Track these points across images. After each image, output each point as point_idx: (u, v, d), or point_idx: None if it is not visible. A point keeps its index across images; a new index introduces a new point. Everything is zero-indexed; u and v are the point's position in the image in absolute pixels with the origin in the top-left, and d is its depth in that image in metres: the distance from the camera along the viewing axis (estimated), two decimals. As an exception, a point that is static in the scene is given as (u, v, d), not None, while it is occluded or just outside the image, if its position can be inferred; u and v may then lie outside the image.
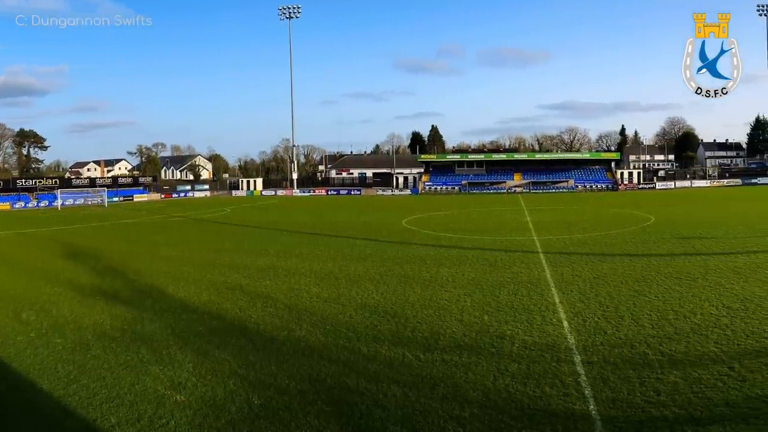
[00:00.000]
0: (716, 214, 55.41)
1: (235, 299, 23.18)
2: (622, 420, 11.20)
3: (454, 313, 19.81)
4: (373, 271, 28.57)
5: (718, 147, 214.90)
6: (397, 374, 14.17)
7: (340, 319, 19.63)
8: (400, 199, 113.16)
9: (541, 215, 61.28)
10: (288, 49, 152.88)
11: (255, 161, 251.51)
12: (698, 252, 31.24)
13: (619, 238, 38.77)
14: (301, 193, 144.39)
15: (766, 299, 20.04)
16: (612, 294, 21.85)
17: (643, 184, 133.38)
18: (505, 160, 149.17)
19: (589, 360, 14.66)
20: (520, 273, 26.71)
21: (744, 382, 12.63)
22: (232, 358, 15.81)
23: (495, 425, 11.20)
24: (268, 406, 12.46)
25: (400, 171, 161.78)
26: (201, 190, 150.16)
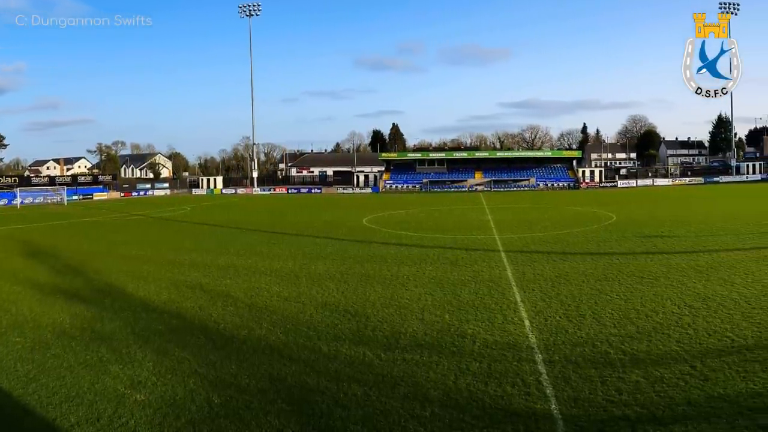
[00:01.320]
0: (678, 213, 55.91)
1: (195, 298, 23.13)
2: (584, 419, 11.27)
3: (415, 312, 19.87)
4: (333, 269, 28.58)
5: (680, 145, 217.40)
6: (357, 373, 14.19)
7: (300, 318, 19.64)
8: (361, 198, 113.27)
9: (503, 214, 61.64)
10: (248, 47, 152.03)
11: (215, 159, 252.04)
12: (660, 251, 31.53)
13: (580, 236, 39.07)
14: (261, 191, 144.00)
15: (727, 298, 20.27)
16: (573, 293, 22.00)
17: (604, 183, 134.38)
18: (466, 159, 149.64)
19: (550, 359, 14.75)
20: (482, 272, 26.83)
21: (706, 381, 12.75)
22: (192, 357, 15.77)
23: (456, 424, 11.23)
24: (228, 405, 12.44)
25: (361, 169, 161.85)
26: (161, 189, 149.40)
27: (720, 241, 34.13)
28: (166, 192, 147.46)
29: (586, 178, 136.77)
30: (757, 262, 27.02)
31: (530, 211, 64.68)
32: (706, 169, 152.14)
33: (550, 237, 39.14)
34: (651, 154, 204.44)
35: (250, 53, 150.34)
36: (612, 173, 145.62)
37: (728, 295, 20.73)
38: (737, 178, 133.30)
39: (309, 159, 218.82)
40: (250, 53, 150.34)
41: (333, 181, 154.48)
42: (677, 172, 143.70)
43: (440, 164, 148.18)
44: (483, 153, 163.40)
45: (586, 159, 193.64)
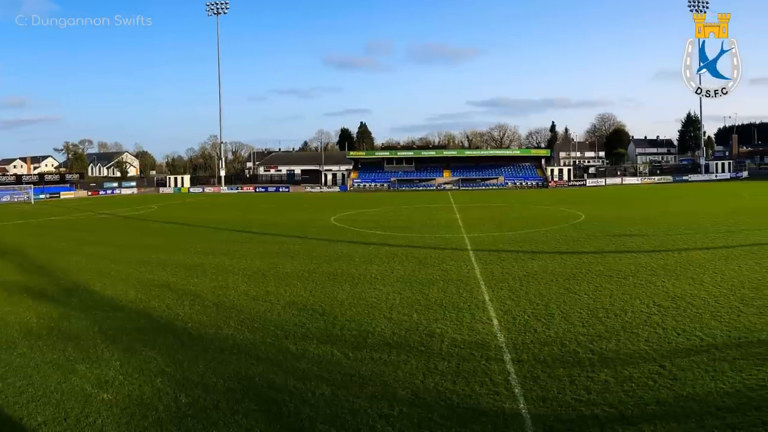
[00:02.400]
0: (647, 212, 56.26)
1: (162, 297, 23.10)
2: (553, 419, 11.35)
3: (384, 311, 19.93)
4: (301, 268, 28.57)
5: (649, 144, 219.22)
6: (325, 372, 14.22)
7: (268, 317, 19.66)
8: (329, 196, 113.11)
9: (471, 212, 61.80)
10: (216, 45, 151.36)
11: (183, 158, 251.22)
12: (629, 249, 31.77)
13: (549, 235, 39.24)
14: (228, 190, 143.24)
15: (696, 297, 20.47)
16: (542, 292, 22.13)
17: (573, 181, 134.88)
18: (434, 157, 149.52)
19: (519, 358, 14.83)
20: (450, 270, 26.92)
21: (675, 381, 12.88)
22: (159, 357, 15.77)
23: (424, 424, 11.29)
24: (196, 405, 12.46)
25: (329, 168, 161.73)
26: (128, 187, 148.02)
27: (689, 240, 34.41)
28: (134, 191, 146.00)
29: (554, 176, 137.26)
30: (726, 261, 27.29)
31: (499, 210, 64.86)
32: (675, 168, 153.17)
33: (518, 236, 39.26)
34: (620, 152, 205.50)
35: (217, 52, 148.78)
36: (581, 172, 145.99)
37: (697, 294, 20.94)
38: (706, 176, 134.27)
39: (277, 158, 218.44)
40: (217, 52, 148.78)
41: (301, 179, 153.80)
42: (646, 171, 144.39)
43: (408, 163, 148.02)
44: (451, 152, 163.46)
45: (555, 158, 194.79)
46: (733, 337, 15.94)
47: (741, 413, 11.20)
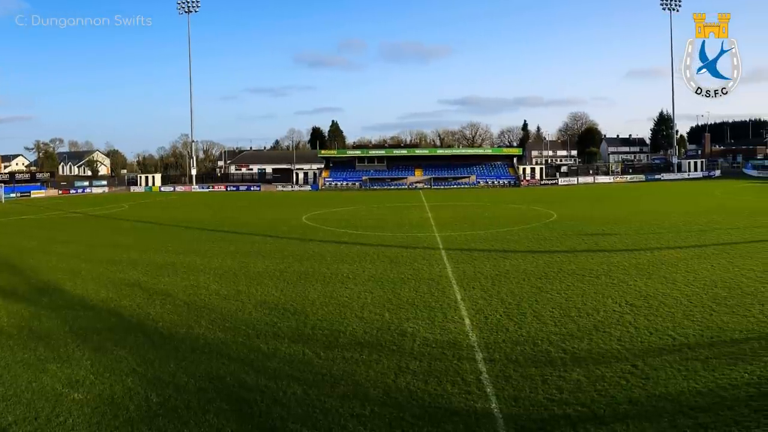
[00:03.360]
0: (619, 211, 56.58)
1: (133, 296, 23.12)
2: (525, 418, 11.42)
3: (355, 310, 20.00)
4: (272, 267, 28.62)
5: (621, 142, 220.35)
6: (297, 372, 14.27)
7: (239, 317, 19.71)
8: (301, 195, 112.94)
9: (443, 211, 61.80)
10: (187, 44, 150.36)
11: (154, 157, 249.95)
12: (601, 249, 31.98)
13: (521, 234, 39.41)
14: (200, 188, 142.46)
15: (669, 296, 20.66)
16: (514, 291, 22.24)
17: (545, 180, 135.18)
18: (406, 156, 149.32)
19: (491, 358, 14.92)
20: (422, 270, 27.01)
21: (647, 380, 13.00)
22: (130, 356, 15.78)
23: (396, 423, 11.34)
24: (167, 405, 12.46)
25: (300, 167, 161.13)
26: (99, 186, 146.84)
27: (661, 239, 34.69)
28: (105, 189, 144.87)
29: (526, 175, 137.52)
30: (698, 259, 27.55)
31: (471, 209, 64.94)
32: (647, 167, 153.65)
33: (490, 235, 39.42)
34: (592, 151, 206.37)
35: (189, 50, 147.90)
36: (553, 171, 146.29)
37: (670, 293, 21.13)
38: (679, 175, 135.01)
39: (248, 156, 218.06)
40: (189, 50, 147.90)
41: (272, 178, 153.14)
42: (618, 170, 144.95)
43: (380, 162, 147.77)
44: (423, 150, 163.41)
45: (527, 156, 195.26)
46: (706, 337, 16.10)
47: (713, 413, 11.30)
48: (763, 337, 15.89)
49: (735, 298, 20.13)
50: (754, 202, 62.13)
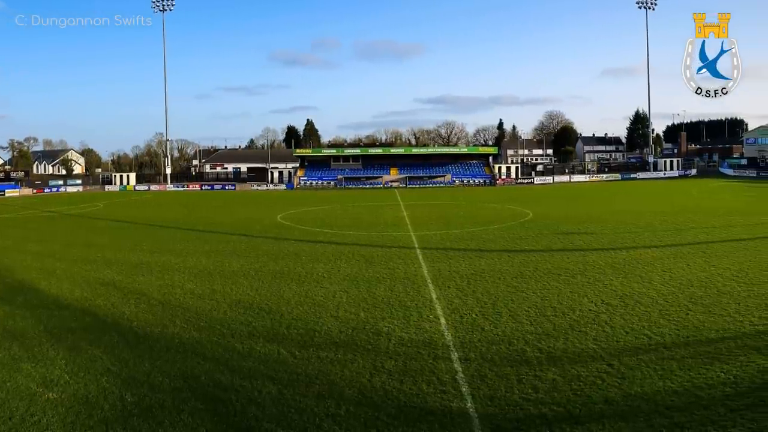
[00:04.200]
0: (595, 210, 57.02)
1: (108, 295, 23.09)
2: (500, 418, 11.47)
3: (330, 310, 20.03)
4: (247, 267, 28.63)
5: (597, 141, 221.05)
6: (272, 371, 14.30)
7: (214, 316, 19.73)
8: (276, 194, 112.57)
9: (418, 210, 61.94)
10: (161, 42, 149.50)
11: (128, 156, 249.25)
12: (577, 248, 32.18)
13: (496, 233, 39.52)
14: (174, 187, 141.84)
15: (645, 295, 20.80)
16: (490, 290, 22.32)
17: (521, 179, 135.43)
18: (381, 155, 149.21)
19: (466, 357, 14.98)
20: (397, 269, 27.07)
21: (623, 380, 13.09)
22: (105, 355, 15.76)
23: (371, 423, 11.37)
24: (142, 404, 12.45)
25: (275, 165, 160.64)
26: (74, 185, 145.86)
27: (637, 238, 34.88)
28: (79, 188, 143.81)
29: (502, 174, 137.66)
30: (674, 259, 27.76)
31: (446, 208, 65.06)
32: (623, 166, 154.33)
33: (466, 234, 39.53)
34: (568, 150, 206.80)
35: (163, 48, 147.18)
36: (528, 170, 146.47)
37: (646, 292, 21.28)
38: (655, 174, 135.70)
39: (223, 155, 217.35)
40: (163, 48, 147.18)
41: (247, 177, 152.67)
42: (594, 169, 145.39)
43: (355, 160, 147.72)
44: (398, 149, 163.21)
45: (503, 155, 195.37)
46: (682, 336, 16.22)
47: (689, 412, 11.39)
48: (739, 337, 16.02)
49: (711, 298, 20.30)
50: (730, 202, 62.76)
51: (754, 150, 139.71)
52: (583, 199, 74.84)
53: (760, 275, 23.73)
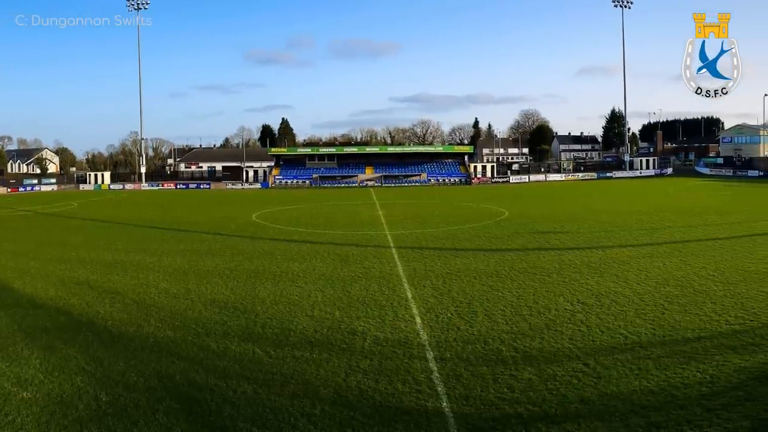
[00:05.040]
0: (571, 209, 57.24)
1: (82, 294, 23.04)
2: (476, 417, 11.51)
3: (305, 309, 20.05)
4: (222, 266, 28.60)
5: (572, 140, 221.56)
6: (247, 371, 14.30)
7: (189, 315, 19.72)
8: (251, 193, 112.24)
9: (394, 209, 61.99)
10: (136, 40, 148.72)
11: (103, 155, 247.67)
12: (553, 247, 32.32)
13: (472, 232, 39.62)
14: (149, 187, 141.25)
15: (621, 294, 20.94)
16: (465, 289, 22.40)
17: (496, 178, 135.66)
18: (356, 154, 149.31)
19: (442, 356, 15.02)
20: (372, 268, 27.12)
21: (599, 379, 13.16)
22: (79, 355, 15.72)
23: (347, 422, 11.38)
24: (116, 404, 12.43)
25: (250, 164, 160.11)
26: (48, 184, 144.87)
27: (613, 237, 35.08)
28: (54, 187, 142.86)
29: (478, 173, 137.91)
30: (650, 258, 27.96)
31: (421, 207, 65.25)
32: (599, 165, 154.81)
33: (441, 233, 39.60)
34: (543, 149, 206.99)
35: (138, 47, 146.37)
36: (504, 168, 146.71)
37: (621, 291, 21.43)
38: (630, 173, 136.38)
39: (198, 154, 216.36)
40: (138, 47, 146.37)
41: (222, 176, 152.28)
42: (570, 168, 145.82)
43: (330, 159, 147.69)
44: (374, 148, 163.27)
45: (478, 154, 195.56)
46: (658, 335, 16.34)
47: (665, 412, 11.47)
48: (716, 336, 16.14)
49: (687, 297, 20.47)
50: (706, 201, 63.31)
51: (730, 149, 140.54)
52: (559, 198, 75.16)
53: (736, 274, 23.96)
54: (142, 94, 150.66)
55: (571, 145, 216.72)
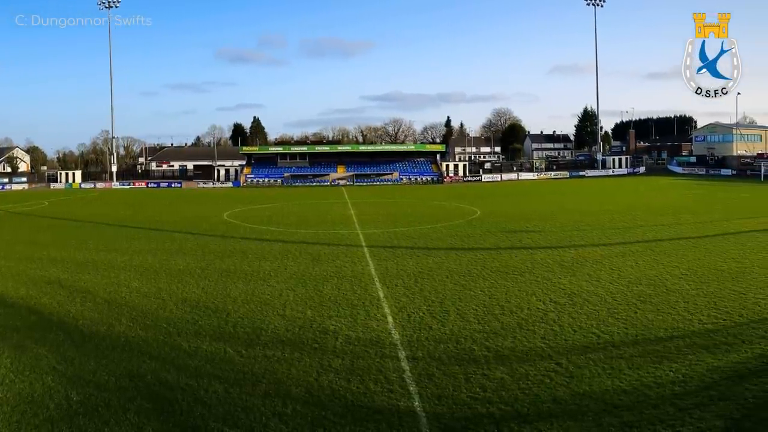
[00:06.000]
0: (543, 208, 57.41)
1: (53, 294, 22.98)
2: (448, 417, 11.56)
3: (277, 308, 20.07)
4: (194, 265, 28.56)
5: (545, 139, 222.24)
6: (218, 370, 14.30)
7: (160, 314, 19.68)
8: (222, 192, 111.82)
9: (366, 208, 62.09)
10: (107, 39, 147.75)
11: (74, 154, 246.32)
12: (525, 246, 32.44)
13: (444, 231, 39.75)
14: (120, 185, 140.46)
15: (593, 294, 21.09)
16: (437, 288, 22.47)
17: (469, 177, 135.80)
18: (328, 152, 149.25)
19: (414, 356, 15.08)
20: (344, 267, 27.14)
21: (571, 379, 13.25)
22: (50, 354, 15.67)
23: (318, 422, 11.41)
24: (87, 403, 12.39)
25: (222, 163, 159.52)
26: (19, 183, 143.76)
27: (585, 236, 35.34)
28: (24, 186, 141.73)
29: (450, 172, 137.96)
30: (623, 257, 28.18)
31: (393, 206, 65.34)
32: (571, 163, 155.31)
33: (413, 232, 39.68)
34: (516, 147, 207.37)
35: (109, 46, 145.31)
36: (476, 167, 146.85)
37: (594, 291, 21.57)
38: (603, 172, 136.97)
39: (169, 153, 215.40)
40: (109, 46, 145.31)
41: (193, 175, 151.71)
42: (542, 166, 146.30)
43: (302, 158, 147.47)
44: (345, 147, 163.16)
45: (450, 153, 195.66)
46: (630, 335, 16.48)
47: (638, 411, 11.57)
48: (688, 335, 16.30)
49: (660, 296, 20.65)
50: (678, 200, 63.75)
51: (703, 148, 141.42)
52: (531, 197, 75.44)
53: (708, 273, 24.19)
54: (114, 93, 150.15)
55: (544, 144, 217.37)
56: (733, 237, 34.04)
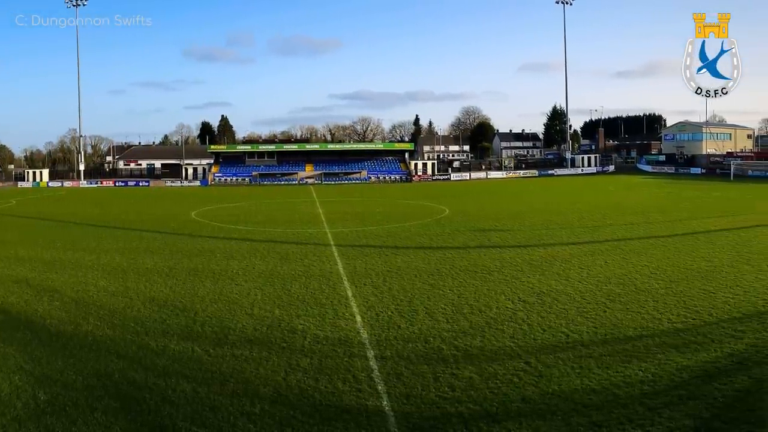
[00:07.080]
0: (512, 206, 57.76)
1: (20, 293, 22.90)
2: (417, 416, 11.60)
3: (245, 307, 20.07)
4: (161, 264, 28.49)
5: (514, 137, 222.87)
6: (186, 369, 14.30)
7: (128, 313, 19.64)
8: (190, 191, 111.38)
9: (334, 207, 62.13)
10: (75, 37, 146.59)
11: (41, 152, 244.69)
12: (494, 244, 32.51)
13: (413, 230, 39.82)
14: (88, 184, 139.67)
15: (562, 293, 21.21)
16: (406, 287, 22.53)
17: (437, 176, 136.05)
18: (296, 151, 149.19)
19: (382, 355, 15.14)
20: (312, 266, 27.15)
21: (540, 378, 13.33)
22: (17, 353, 15.62)
23: (287, 421, 11.43)
24: (55, 402, 12.35)
25: (190, 162, 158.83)
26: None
27: (554, 235, 35.52)
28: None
29: (418, 170, 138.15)
30: (592, 256, 28.38)
31: (362, 205, 65.51)
32: (540, 162, 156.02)
33: (382, 231, 39.76)
34: (485, 146, 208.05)
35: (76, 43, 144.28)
36: (445, 166, 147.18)
37: (563, 290, 21.70)
38: (572, 170, 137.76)
39: (137, 151, 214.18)
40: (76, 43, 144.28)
41: (161, 173, 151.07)
42: (511, 165, 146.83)
43: (270, 157, 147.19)
44: (314, 145, 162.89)
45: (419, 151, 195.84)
46: (600, 334, 16.60)
47: (607, 411, 11.66)
48: (657, 335, 16.42)
49: (629, 295, 20.82)
50: (648, 198, 64.18)
51: (672, 146, 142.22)
52: (500, 196, 75.71)
53: (678, 272, 24.40)
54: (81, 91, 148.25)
55: (513, 143, 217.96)
56: (703, 236, 34.34)
